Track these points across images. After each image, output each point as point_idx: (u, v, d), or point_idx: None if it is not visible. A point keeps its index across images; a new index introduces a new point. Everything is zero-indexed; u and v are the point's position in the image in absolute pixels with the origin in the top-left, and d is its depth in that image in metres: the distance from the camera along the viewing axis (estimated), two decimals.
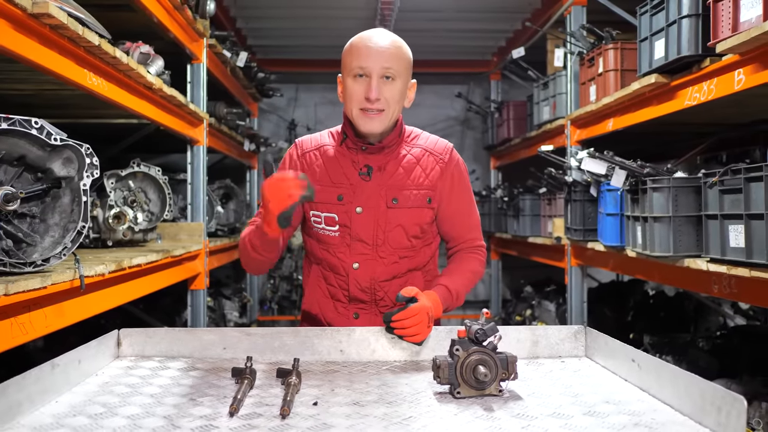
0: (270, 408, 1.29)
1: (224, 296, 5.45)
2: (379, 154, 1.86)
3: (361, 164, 1.86)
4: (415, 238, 1.87)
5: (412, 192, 1.85)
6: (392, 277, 1.86)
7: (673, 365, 1.31)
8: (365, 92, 1.77)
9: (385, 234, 1.84)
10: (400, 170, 1.86)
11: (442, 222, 1.92)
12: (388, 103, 1.79)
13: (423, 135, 1.96)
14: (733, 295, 2.53)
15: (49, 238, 1.97)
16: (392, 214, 1.84)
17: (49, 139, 1.86)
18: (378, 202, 1.83)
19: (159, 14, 3.13)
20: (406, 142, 1.91)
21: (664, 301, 4.81)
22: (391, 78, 1.79)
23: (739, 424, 1.07)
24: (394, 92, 1.80)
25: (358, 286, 1.85)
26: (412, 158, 1.89)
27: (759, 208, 2.27)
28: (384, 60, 1.78)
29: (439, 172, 1.89)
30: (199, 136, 4.02)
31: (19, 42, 1.91)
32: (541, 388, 1.44)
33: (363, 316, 1.87)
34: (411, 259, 1.88)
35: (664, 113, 3.14)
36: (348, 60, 1.81)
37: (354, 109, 1.80)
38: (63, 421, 1.20)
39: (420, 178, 1.87)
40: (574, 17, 4.32)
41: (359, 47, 1.80)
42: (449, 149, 1.94)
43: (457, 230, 1.94)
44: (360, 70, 1.78)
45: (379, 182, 1.85)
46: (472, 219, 1.96)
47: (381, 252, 1.84)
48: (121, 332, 1.68)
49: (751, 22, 2.26)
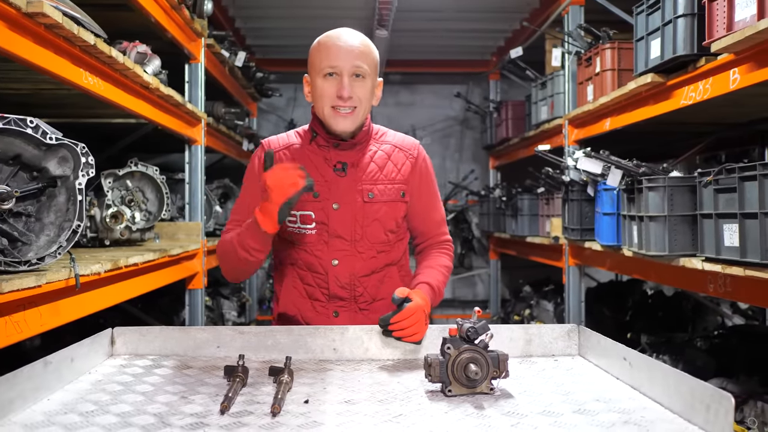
0: (261, 406, 1.29)
1: (222, 296, 5.45)
2: (352, 151, 1.88)
3: (334, 161, 1.87)
4: (391, 232, 1.90)
5: (387, 186, 1.88)
6: (371, 272, 1.88)
7: (664, 364, 1.32)
8: (337, 91, 1.79)
9: (363, 229, 1.86)
10: (373, 165, 1.89)
11: (412, 217, 1.95)
12: (360, 101, 1.81)
13: (390, 132, 1.99)
14: (728, 294, 2.54)
15: (44, 237, 1.98)
16: (369, 208, 1.86)
17: (44, 138, 1.87)
18: (354, 197, 1.85)
19: (156, 14, 3.13)
20: (375, 139, 1.94)
21: (662, 301, 4.82)
22: (361, 76, 1.81)
23: (726, 421, 1.07)
24: (365, 90, 1.82)
25: (338, 283, 1.86)
26: (383, 154, 1.92)
27: (753, 208, 2.27)
28: (354, 58, 1.79)
29: (410, 167, 1.93)
30: (197, 135, 4.03)
31: (13, 41, 1.91)
32: (533, 386, 1.44)
33: (343, 313, 1.88)
34: (387, 254, 1.91)
35: (660, 113, 3.14)
36: (317, 59, 1.82)
37: (326, 107, 1.82)
38: (54, 418, 1.20)
39: (392, 173, 1.90)
40: (571, 17, 4.32)
41: (329, 46, 1.81)
42: (417, 145, 1.98)
43: (427, 225, 1.98)
44: (331, 69, 1.80)
45: (354, 178, 1.86)
46: (439, 214, 2.00)
47: (359, 247, 1.86)
48: (114, 331, 1.68)
49: (746, 22, 2.27)
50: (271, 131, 7.21)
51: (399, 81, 7.32)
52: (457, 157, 7.44)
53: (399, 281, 1.93)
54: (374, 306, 1.90)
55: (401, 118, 7.27)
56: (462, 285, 7.40)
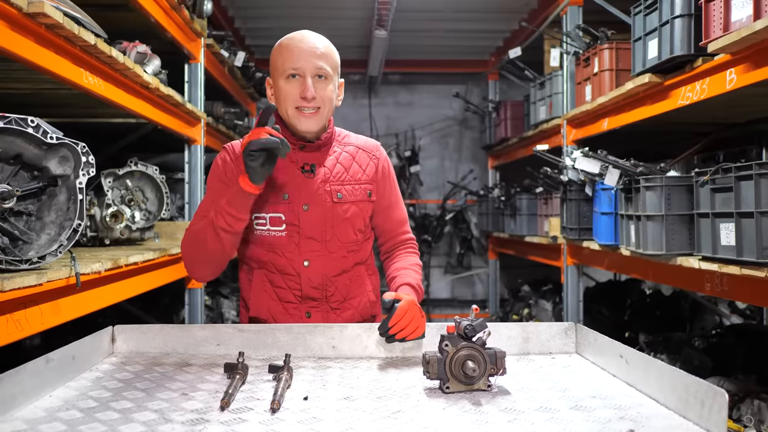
0: (261, 402, 1.30)
1: (222, 295, 5.46)
2: (318, 152, 1.90)
3: (301, 162, 1.88)
4: (360, 231, 1.92)
5: (354, 187, 1.91)
6: (341, 272, 1.90)
7: (659, 361, 1.33)
8: (301, 92, 1.81)
9: (333, 229, 1.87)
10: (339, 167, 1.92)
11: (376, 215, 1.98)
12: (323, 102, 1.83)
13: (352, 134, 2.02)
14: (724, 293, 2.55)
15: (45, 236, 1.99)
16: (338, 209, 1.88)
17: (45, 137, 1.88)
18: (324, 198, 1.87)
19: (156, 14, 3.15)
20: (338, 141, 1.96)
21: (660, 301, 4.83)
22: (324, 77, 1.83)
23: (720, 417, 1.09)
24: (328, 91, 1.84)
25: (311, 284, 1.87)
26: (348, 155, 1.94)
27: (749, 207, 2.28)
28: (316, 59, 1.81)
29: (374, 168, 1.96)
30: (197, 135, 4.04)
31: (14, 41, 1.93)
32: (530, 383, 1.46)
33: (315, 314, 1.89)
34: (356, 253, 1.93)
35: (657, 113, 3.16)
36: (279, 61, 1.84)
37: (289, 108, 1.83)
38: (56, 414, 1.22)
39: (358, 174, 1.93)
40: (570, 17, 4.34)
41: (291, 48, 1.83)
42: (378, 146, 2.02)
43: (390, 223, 2.01)
44: (293, 70, 1.81)
45: (323, 179, 1.88)
46: (402, 213, 2.04)
47: (330, 247, 1.88)
48: (115, 329, 1.70)
49: (742, 22, 2.28)
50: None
51: (398, 81, 7.33)
52: (455, 157, 7.45)
53: (367, 279, 1.97)
54: (345, 305, 1.92)
55: (400, 118, 7.28)
56: (461, 284, 7.41)
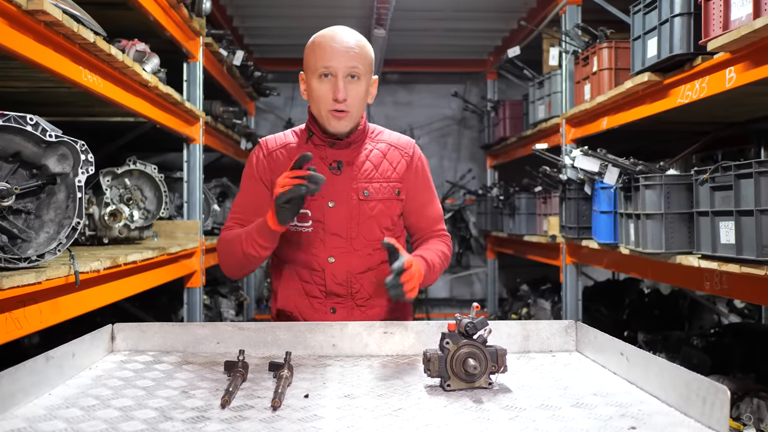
0: (261, 400, 1.30)
1: (221, 294, 5.46)
2: (347, 149, 1.90)
3: (330, 159, 1.88)
4: (386, 230, 1.91)
5: (382, 185, 1.90)
6: (367, 269, 1.90)
7: (660, 358, 1.33)
8: (333, 93, 1.79)
9: (359, 226, 1.87)
10: (369, 164, 1.90)
11: (409, 215, 1.97)
12: (355, 103, 1.82)
13: (386, 131, 2.00)
14: (724, 292, 2.55)
15: (44, 234, 1.98)
16: (364, 206, 1.87)
17: (44, 135, 1.87)
18: (350, 195, 1.86)
19: (155, 12, 3.14)
20: (370, 138, 1.95)
21: (659, 300, 4.84)
22: (356, 77, 1.82)
23: (722, 414, 1.09)
24: (360, 91, 1.83)
25: (335, 280, 1.88)
26: (379, 153, 1.93)
27: (749, 205, 2.29)
28: (349, 59, 1.80)
29: (405, 165, 1.94)
30: (196, 134, 4.03)
31: (13, 39, 1.92)
32: (531, 381, 1.45)
33: (340, 310, 1.89)
34: (383, 252, 1.89)
35: (657, 111, 3.16)
36: (312, 59, 1.83)
37: (322, 109, 1.83)
38: (56, 412, 1.21)
39: (388, 172, 1.91)
40: (569, 16, 4.34)
41: (323, 47, 1.81)
42: (412, 144, 1.99)
43: (424, 222, 1.99)
44: (325, 70, 1.80)
45: (350, 176, 1.88)
46: (436, 211, 2.01)
47: (355, 245, 1.87)
48: (115, 326, 1.69)
49: (742, 21, 2.28)
50: (268, 130, 7.21)
51: (397, 80, 7.33)
52: (454, 157, 7.45)
53: None
54: (371, 302, 1.91)
55: (399, 117, 7.28)
56: (459, 284, 7.41)
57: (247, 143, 5.65)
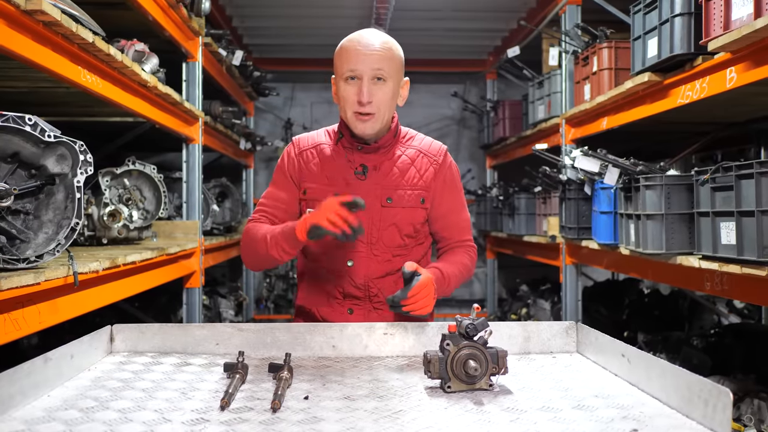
0: (261, 402, 1.29)
1: (220, 294, 5.45)
2: (375, 154, 1.89)
3: (356, 163, 1.88)
4: (408, 237, 1.90)
5: (407, 192, 1.88)
6: (386, 274, 1.89)
7: (662, 360, 1.32)
8: (357, 96, 1.79)
9: (380, 232, 1.86)
10: (395, 170, 1.89)
11: (434, 222, 1.95)
12: (380, 105, 1.81)
13: (418, 136, 1.98)
14: (724, 292, 2.55)
15: (42, 235, 1.98)
16: (386, 213, 1.86)
17: (42, 135, 1.87)
18: (373, 201, 1.86)
19: (154, 12, 3.13)
20: (401, 143, 1.94)
21: (658, 300, 4.83)
22: (382, 79, 1.81)
23: (724, 416, 1.08)
24: (386, 94, 1.82)
25: (353, 283, 1.88)
26: (407, 159, 1.91)
27: (750, 206, 2.28)
28: (374, 62, 1.79)
29: (433, 173, 1.92)
30: (195, 134, 4.03)
31: (12, 39, 1.91)
32: (532, 382, 1.45)
33: (357, 311, 1.89)
34: (404, 258, 1.90)
35: (657, 111, 3.15)
36: (339, 63, 1.83)
37: (348, 112, 1.83)
38: (55, 414, 1.21)
39: (414, 179, 1.89)
40: (568, 16, 4.33)
41: (349, 50, 1.81)
42: (443, 151, 1.97)
43: (449, 231, 1.97)
44: (351, 72, 1.80)
45: (374, 181, 1.87)
46: (463, 220, 1.99)
47: (375, 250, 1.87)
48: (114, 328, 1.68)
49: (743, 20, 2.28)
50: (267, 130, 7.21)
51: None
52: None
53: None
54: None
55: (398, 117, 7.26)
56: None
57: (246, 143, 5.65)
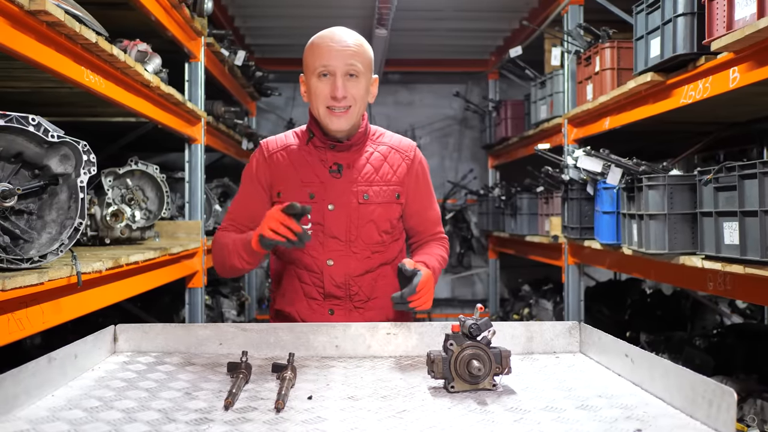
0: (265, 402, 1.30)
1: (222, 294, 5.45)
2: (348, 152, 1.90)
3: (330, 162, 1.89)
4: (385, 233, 1.92)
5: (382, 188, 1.90)
6: (365, 272, 1.91)
7: (665, 360, 1.32)
8: (331, 91, 1.81)
9: (358, 230, 1.88)
10: (369, 167, 1.91)
11: (410, 218, 1.98)
12: (354, 101, 1.83)
13: (387, 133, 2.01)
14: (727, 293, 2.54)
15: (46, 235, 1.98)
16: (363, 210, 1.88)
17: (46, 135, 1.87)
18: (349, 198, 1.87)
19: (157, 12, 3.13)
20: (372, 140, 1.96)
21: (661, 300, 4.83)
22: (355, 75, 1.83)
23: (729, 416, 1.08)
24: (359, 89, 1.84)
25: (333, 283, 1.89)
26: (380, 155, 1.93)
27: (753, 205, 2.28)
28: (347, 58, 1.81)
29: (406, 169, 1.95)
30: (197, 134, 4.03)
31: (15, 39, 1.91)
32: (535, 382, 1.45)
33: (338, 311, 1.90)
34: (382, 254, 1.93)
35: (660, 111, 3.15)
36: (311, 60, 1.85)
37: (321, 107, 1.84)
38: (59, 414, 1.21)
39: (388, 175, 1.92)
40: (571, 16, 4.33)
41: (321, 46, 1.83)
42: (413, 147, 2.00)
43: (424, 225, 2.01)
44: (324, 69, 1.81)
45: (350, 179, 1.88)
46: (435, 213, 2.04)
47: (354, 248, 1.88)
48: (117, 328, 1.69)
49: (746, 20, 2.27)
50: (270, 130, 7.20)
51: (398, 80, 7.32)
52: (456, 157, 7.44)
53: (394, 280, 1.94)
54: (369, 304, 1.92)
55: (400, 117, 7.27)
56: (461, 284, 7.40)
57: (249, 143, 5.65)
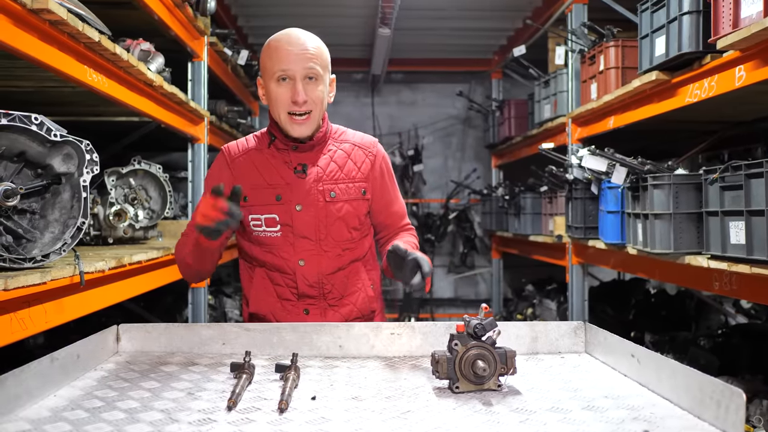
0: (268, 402, 1.29)
1: (225, 294, 5.45)
2: (311, 152, 1.90)
3: (294, 163, 1.88)
4: (354, 229, 1.92)
5: (348, 185, 1.91)
6: (337, 270, 1.91)
7: (672, 360, 1.31)
8: (291, 96, 1.80)
9: (327, 228, 1.88)
10: (333, 165, 1.91)
11: (378, 213, 1.98)
12: (315, 104, 1.83)
13: (349, 131, 2.01)
14: (733, 292, 2.53)
15: (48, 234, 1.97)
16: (331, 208, 1.88)
17: (49, 135, 1.86)
18: (316, 197, 1.87)
19: (160, 12, 3.13)
20: (334, 139, 1.95)
21: (665, 300, 4.81)
22: (314, 78, 1.82)
23: (737, 417, 1.07)
24: (319, 92, 1.83)
25: (306, 282, 1.88)
26: (343, 153, 1.93)
27: (759, 205, 2.26)
28: (306, 61, 1.80)
29: (370, 165, 1.95)
30: (200, 134, 4.03)
31: (18, 38, 1.91)
32: (541, 383, 1.44)
33: (313, 311, 1.90)
34: (352, 251, 1.93)
35: (665, 110, 3.13)
36: (269, 64, 1.83)
37: (281, 113, 1.83)
38: (61, 414, 1.20)
39: (353, 172, 1.92)
40: (575, 15, 4.31)
41: (279, 50, 1.81)
42: (375, 143, 2.01)
43: (391, 218, 2.01)
44: (283, 73, 1.80)
45: (315, 178, 1.88)
46: (402, 207, 2.05)
47: (324, 246, 1.88)
48: (120, 327, 1.68)
49: (752, 18, 2.26)
50: None
51: (401, 80, 7.31)
52: (459, 156, 7.43)
53: (365, 275, 1.97)
54: (343, 301, 1.92)
55: (403, 117, 7.25)
56: (464, 284, 7.39)
57: None
